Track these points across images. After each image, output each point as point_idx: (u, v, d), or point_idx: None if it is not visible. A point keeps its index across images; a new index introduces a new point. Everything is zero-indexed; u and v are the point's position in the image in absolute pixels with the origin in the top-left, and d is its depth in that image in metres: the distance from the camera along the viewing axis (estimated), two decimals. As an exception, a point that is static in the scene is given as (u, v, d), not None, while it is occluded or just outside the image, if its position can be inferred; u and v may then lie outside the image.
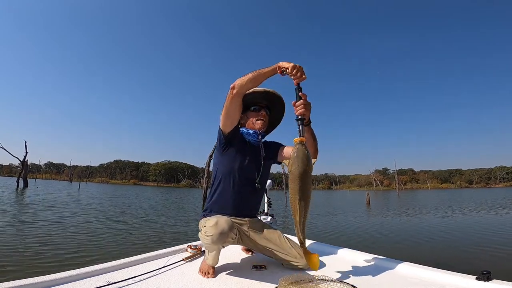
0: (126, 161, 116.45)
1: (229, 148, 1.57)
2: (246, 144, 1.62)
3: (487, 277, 1.17)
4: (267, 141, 1.74)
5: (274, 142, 1.74)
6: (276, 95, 1.66)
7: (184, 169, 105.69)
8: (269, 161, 1.67)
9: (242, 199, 1.57)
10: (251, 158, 1.59)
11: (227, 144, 1.57)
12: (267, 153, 1.65)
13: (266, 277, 1.35)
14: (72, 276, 1.24)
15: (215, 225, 1.30)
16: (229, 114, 1.49)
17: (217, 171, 1.61)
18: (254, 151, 1.61)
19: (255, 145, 1.62)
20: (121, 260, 1.47)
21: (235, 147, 1.57)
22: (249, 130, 1.63)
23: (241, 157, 1.57)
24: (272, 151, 1.67)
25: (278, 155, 1.66)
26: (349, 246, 1.91)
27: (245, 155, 1.58)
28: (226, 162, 1.58)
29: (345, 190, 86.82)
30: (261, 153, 1.60)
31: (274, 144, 1.71)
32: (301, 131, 1.24)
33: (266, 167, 1.66)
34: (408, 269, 1.44)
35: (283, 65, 1.30)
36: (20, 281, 1.11)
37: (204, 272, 1.38)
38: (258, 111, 1.64)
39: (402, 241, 6.29)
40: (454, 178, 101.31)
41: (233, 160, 1.56)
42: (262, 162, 1.60)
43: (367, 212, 13.71)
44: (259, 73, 1.38)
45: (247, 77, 1.39)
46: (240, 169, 1.55)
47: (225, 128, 1.53)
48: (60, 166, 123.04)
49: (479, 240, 6.23)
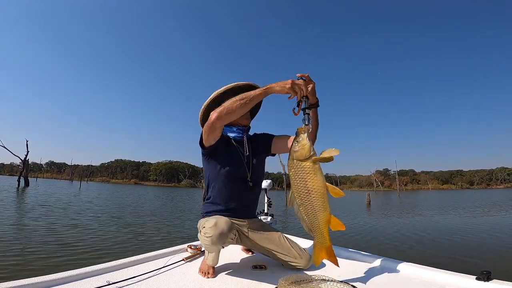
0: (127, 160, 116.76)
1: (213, 156, 1.51)
2: (230, 143, 1.55)
3: (487, 277, 1.17)
4: (257, 134, 1.67)
5: (264, 134, 1.66)
6: (251, 86, 1.52)
7: (184, 168, 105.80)
8: (260, 155, 1.61)
9: (237, 199, 1.53)
10: (238, 156, 1.53)
11: (209, 154, 1.51)
12: (256, 147, 1.59)
13: (266, 277, 1.34)
14: (72, 276, 1.23)
15: (214, 225, 1.29)
16: (212, 138, 1.42)
17: (207, 175, 1.57)
18: (241, 149, 1.55)
19: (240, 142, 1.56)
20: (121, 260, 1.47)
21: (219, 153, 1.51)
22: (232, 127, 1.56)
23: (227, 159, 1.51)
24: (263, 144, 1.61)
25: (272, 147, 1.60)
26: (349, 246, 1.90)
27: (231, 156, 1.52)
28: (213, 167, 1.52)
29: (346, 190, 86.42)
30: (246, 150, 1.54)
31: (265, 136, 1.64)
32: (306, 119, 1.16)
33: (258, 163, 1.59)
34: (408, 269, 1.43)
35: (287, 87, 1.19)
36: (20, 281, 1.11)
37: (204, 272, 1.37)
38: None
39: (402, 241, 6.28)
40: (455, 179, 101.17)
41: (220, 163, 1.50)
42: (251, 159, 1.55)
43: (368, 212, 13.69)
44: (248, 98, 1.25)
45: (229, 107, 1.26)
46: (228, 170, 1.49)
47: (207, 144, 1.45)
48: (61, 165, 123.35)
49: (479, 240, 6.22)
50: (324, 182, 1.06)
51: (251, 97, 1.26)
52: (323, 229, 1.10)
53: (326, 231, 1.11)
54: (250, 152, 1.57)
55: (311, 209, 1.08)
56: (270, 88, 1.24)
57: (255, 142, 1.62)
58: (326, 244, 1.14)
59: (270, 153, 1.65)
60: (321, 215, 1.07)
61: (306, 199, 1.07)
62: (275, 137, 1.61)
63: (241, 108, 1.27)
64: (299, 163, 1.09)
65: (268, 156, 1.67)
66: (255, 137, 1.66)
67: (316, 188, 1.05)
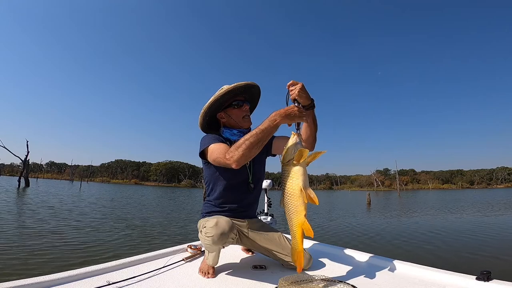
0: (127, 160, 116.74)
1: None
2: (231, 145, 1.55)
3: (487, 277, 1.17)
4: None
5: None
6: (256, 86, 1.54)
7: (185, 169, 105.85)
8: (261, 156, 1.59)
9: (237, 200, 1.53)
10: None
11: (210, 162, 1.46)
12: None
13: (266, 277, 1.34)
14: (72, 276, 1.23)
15: (215, 225, 1.29)
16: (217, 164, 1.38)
17: (207, 176, 1.56)
18: None
19: None
20: (121, 260, 1.47)
21: None
22: (233, 130, 1.55)
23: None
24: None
25: (272, 148, 1.59)
26: (349, 246, 1.90)
27: None
28: (213, 171, 1.51)
29: (346, 190, 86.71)
30: None
31: None
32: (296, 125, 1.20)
33: (258, 164, 1.59)
34: (408, 269, 1.43)
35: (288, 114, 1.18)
36: (20, 281, 1.11)
37: (204, 272, 1.37)
38: (240, 106, 1.53)
39: (402, 241, 6.28)
40: (456, 179, 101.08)
41: (221, 168, 1.47)
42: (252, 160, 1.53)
43: (368, 212, 13.68)
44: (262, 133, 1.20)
45: (248, 154, 1.21)
46: (229, 172, 1.47)
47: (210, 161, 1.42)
48: (61, 165, 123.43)
49: (479, 240, 6.22)
50: (299, 186, 1.09)
51: (263, 138, 1.23)
52: (295, 232, 1.12)
53: (299, 235, 1.12)
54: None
55: (287, 210, 1.13)
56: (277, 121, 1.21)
57: None
58: (295, 247, 1.15)
59: (271, 154, 1.65)
60: (294, 217, 1.11)
61: (283, 200, 1.14)
62: (275, 138, 1.60)
63: (257, 150, 1.25)
64: (283, 166, 1.17)
65: (269, 156, 1.67)
66: None
67: (291, 191, 1.11)
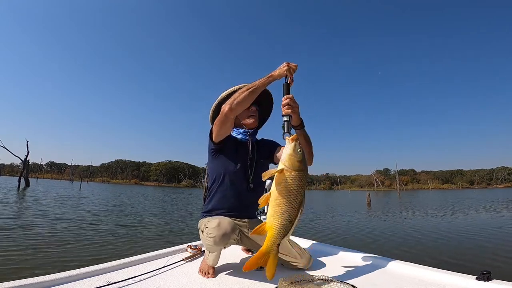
0: (127, 161, 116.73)
1: (220, 153, 1.56)
2: (237, 145, 1.59)
3: (487, 277, 1.17)
4: (264, 140, 1.71)
5: (271, 141, 1.70)
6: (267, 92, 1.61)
7: (185, 169, 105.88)
8: (264, 160, 1.64)
9: (238, 200, 1.55)
10: (243, 158, 1.57)
11: (218, 150, 1.55)
12: (261, 152, 1.61)
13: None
14: (72, 276, 1.24)
15: (217, 226, 1.29)
16: (223, 131, 1.47)
17: (211, 173, 1.60)
18: (245, 151, 1.59)
19: (245, 144, 1.60)
20: (121, 260, 1.47)
21: (226, 151, 1.56)
22: (239, 129, 1.61)
23: (232, 159, 1.55)
24: (267, 150, 1.64)
25: (274, 156, 1.62)
26: (349, 246, 1.91)
27: (237, 157, 1.56)
28: (218, 166, 1.56)
29: (346, 190, 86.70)
30: (251, 153, 1.58)
31: (270, 143, 1.67)
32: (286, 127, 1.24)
33: (260, 167, 1.61)
34: (408, 269, 1.44)
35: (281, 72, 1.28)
36: (20, 281, 1.11)
37: (204, 272, 1.38)
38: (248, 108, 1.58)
39: (402, 241, 6.27)
40: (456, 179, 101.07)
41: (225, 162, 1.54)
42: (254, 161, 1.58)
43: (368, 212, 13.69)
44: (254, 86, 1.33)
45: (239, 97, 1.34)
46: (232, 170, 1.53)
47: (217, 139, 1.50)
48: (61, 165, 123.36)
49: (479, 240, 6.22)
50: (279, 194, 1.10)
51: (257, 85, 1.33)
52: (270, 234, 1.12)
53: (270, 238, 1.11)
54: (254, 154, 1.59)
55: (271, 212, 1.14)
56: (272, 76, 1.31)
57: (261, 146, 1.65)
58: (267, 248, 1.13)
59: (273, 161, 1.67)
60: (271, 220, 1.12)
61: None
62: (279, 147, 1.63)
63: (249, 96, 1.33)
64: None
65: (271, 163, 1.69)
66: (262, 142, 1.69)
67: (274, 196, 1.13)
